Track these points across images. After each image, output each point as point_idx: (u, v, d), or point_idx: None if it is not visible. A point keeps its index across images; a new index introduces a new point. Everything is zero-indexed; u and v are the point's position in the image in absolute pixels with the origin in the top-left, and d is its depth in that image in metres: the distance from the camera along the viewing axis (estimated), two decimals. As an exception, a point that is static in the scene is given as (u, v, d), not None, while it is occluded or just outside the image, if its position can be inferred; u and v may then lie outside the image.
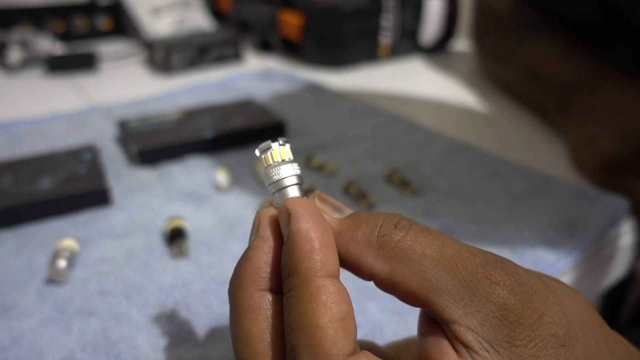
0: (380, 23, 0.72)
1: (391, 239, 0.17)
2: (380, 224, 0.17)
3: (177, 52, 0.67)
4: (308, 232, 0.17)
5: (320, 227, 0.17)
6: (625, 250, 0.38)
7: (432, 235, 0.17)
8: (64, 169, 0.39)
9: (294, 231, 0.17)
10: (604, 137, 0.42)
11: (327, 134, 0.49)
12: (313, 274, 0.16)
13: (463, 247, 0.17)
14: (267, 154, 0.19)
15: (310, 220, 0.17)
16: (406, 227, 0.17)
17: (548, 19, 0.56)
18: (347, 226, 0.18)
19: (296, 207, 0.17)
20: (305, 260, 0.16)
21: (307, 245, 0.16)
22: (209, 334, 0.26)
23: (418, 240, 0.17)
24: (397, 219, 0.17)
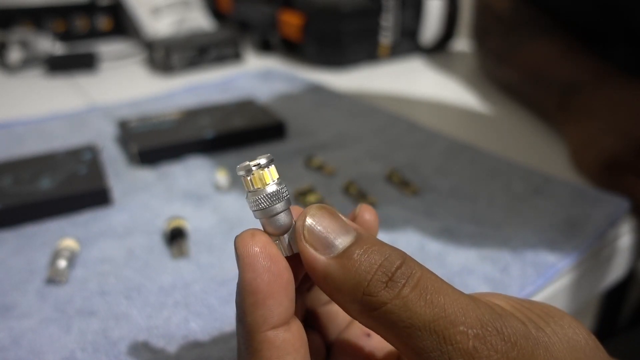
0: (380, 23, 0.72)
1: (377, 300, 0.15)
2: (369, 279, 0.16)
3: (177, 52, 0.67)
4: (251, 284, 0.16)
5: (266, 276, 0.16)
6: (626, 250, 0.38)
7: (426, 300, 0.15)
8: (64, 169, 0.39)
9: (240, 280, 0.16)
10: (604, 137, 0.42)
11: (327, 134, 0.49)
12: (256, 329, 0.16)
13: (459, 311, 0.15)
14: (248, 178, 0.17)
15: (254, 270, 0.16)
16: (398, 286, 0.15)
17: (548, 19, 0.56)
18: (334, 272, 0.16)
19: (243, 254, 0.16)
20: (249, 314, 0.16)
21: (251, 299, 0.16)
22: (209, 334, 0.26)
23: (407, 307, 0.15)
24: (391, 273, 0.16)
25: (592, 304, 0.61)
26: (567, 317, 0.17)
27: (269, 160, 0.17)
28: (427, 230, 0.34)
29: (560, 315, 0.17)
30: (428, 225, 0.35)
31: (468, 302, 0.15)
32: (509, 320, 0.16)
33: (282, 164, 0.43)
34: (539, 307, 0.17)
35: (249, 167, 0.17)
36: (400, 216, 0.36)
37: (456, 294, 0.16)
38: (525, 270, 0.31)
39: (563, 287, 0.32)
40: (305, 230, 0.17)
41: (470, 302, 0.16)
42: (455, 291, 0.16)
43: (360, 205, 0.20)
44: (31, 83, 0.65)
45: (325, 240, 0.16)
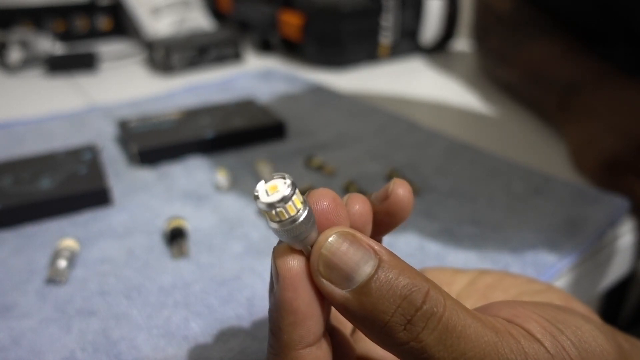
0: (380, 23, 0.72)
1: (395, 341, 0.15)
2: (387, 320, 0.15)
3: (177, 52, 0.67)
4: (292, 304, 0.16)
5: (306, 299, 0.16)
6: (626, 250, 0.38)
7: (445, 345, 0.15)
8: (64, 169, 0.39)
9: (279, 298, 0.16)
10: (604, 137, 0.42)
11: (327, 134, 0.49)
12: (292, 347, 0.16)
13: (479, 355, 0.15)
14: (273, 212, 0.15)
15: (295, 290, 0.16)
16: (417, 330, 0.15)
17: (548, 19, 0.56)
18: (352, 307, 0.15)
19: (284, 272, 0.16)
20: (286, 332, 0.16)
21: (290, 318, 0.16)
22: (209, 334, 0.26)
23: (425, 351, 0.15)
24: (410, 315, 0.15)
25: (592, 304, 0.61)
26: (600, 340, 0.17)
27: (292, 188, 0.15)
28: (427, 230, 0.34)
29: (593, 339, 0.16)
30: (428, 225, 0.35)
31: (492, 343, 0.15)
32: (536, 357, 0.15)
33: (282, 164, 0.43)
34: (574, 327, 0.17)
35: (272, 204, 0.15)
36: (400, 216, 0.36)
37: (479, 333, 0.15)
38: (525, 270, 0.31)
39: (563, 287, 0.32)
40: (320, 265, 0.16)
41: (495, 341, 0.15)
42: (478, 329, 0.15)
43: (394, 181, 0.20)
44: (31, 83, 0.65)
45: (342, 273, 0.15)
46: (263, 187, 0.16)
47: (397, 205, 0.19)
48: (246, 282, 0.30)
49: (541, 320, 0.16)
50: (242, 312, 0.28)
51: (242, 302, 0.28)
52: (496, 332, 0.15)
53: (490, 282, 0.23)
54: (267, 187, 0.16)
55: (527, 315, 0.16)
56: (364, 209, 0.19)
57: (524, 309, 0.17)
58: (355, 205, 0.19)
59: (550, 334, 0.16)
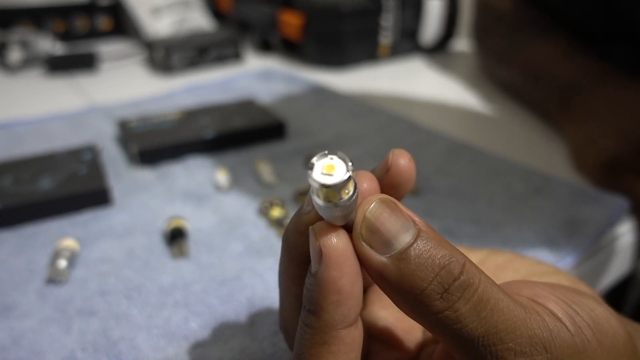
0: (380, 23, 0.72)
1: (430, 309, 0.15)
2: (425, 287, 0.15)
3: (177, 52, 0.67)
4: (336, 283, 0.16)
5: (351, 278, 0.16)
6: (626, 250, 0.38)
7: (479, 316, 0.15)
8: (64, 169, 0.39)
9: (323, 277, 0.16)
10: (604, 137, 0.42)
11: (327, 134, 0.49)
12: (333, 326, 0.16)
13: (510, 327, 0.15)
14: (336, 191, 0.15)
15: (341, 269, 0.16)
16: (454, 299, 0.15)
17: (549, 19, 0.56)
18: (390, 273, 0.15)
19: (330, 251, 0.16)
20: (329, 311, 0.16)
21: (334, 297, 0.16)
22: (209, 334, 0.26)
23: (459, 320, 0.15)
24: (448, 284, 0.15)
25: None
26: (612, 321, 0.17)
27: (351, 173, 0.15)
28: (427, 230, 0.34)
29: (606, 321, 0.17)
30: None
31: (521, 318, 0.15)
32: (559, 335, 0.16)
33: (282, 164, 0.43)
34: (589, 309, 0.17)
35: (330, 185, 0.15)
36: (400, 216, 0.36)
37: (510, 308, 0.15)
38: (525, 270, 0.31)
39: (563, 287, 0.32)
40: (362, 228, 0.16)
41: (523, 316, 0.15)
42: (509, 304, 0.15)
43: (393, 151, 0.19)
44: (31, 83, 0.65)
45: (383, 238, 0.16)
46: (320, 162, 0.15)
47: (400, 176, 0.19)
48: (246, 282, 0.30)
49: (559, 302, 0.17)
50: (242, 312, 0.28)
51: (242, 302, 0.28)
52: (524, 309, 0.16)
53: (501, 262, 0.23)
54: (324, 165, 0.15)
55: (546, 296, 0.17)
56: (372, 186, 0.18)
57: (543, 290, 0.17)
58: (364, 183, 0.18)
59: (568, 314, 0.16)
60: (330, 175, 0.15)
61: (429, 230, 0.16)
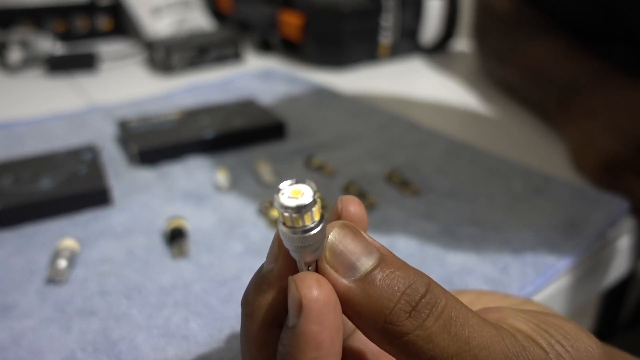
0: (380, 23, 0.72)
1: (399, 330, 0.15)
2: (392, 307, 0.15)
3: (177, 52, 0.67)
4: (316, 338, 0.15)
5: (331, 332, 0.15)
6: (625, 251, 0.38)
7: (450, 333, 0.15)
8: (64, 169, 0.39)
9: (301, 331, 0.15)
10: (604, 137, 0.42)
11: (327, 134, 0.49)
12: None
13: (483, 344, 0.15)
14: (287, 215, 0.15)
15: (321, 323, 0.15)
16: (422, 317, 0.15)
17: (548, 19, 0.56)
18: (355, 297, 0.15)
19: (311, 304, 0.15)
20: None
21: (313, 354, 0.15)
22: (209, 334, 0.26)
23: (430, 339, 0.15)
24: (415, 302, 0.15)
25: (592, 304, 0.61)
26: (583, 336, 0.17)
27: (315, 198, 0.15)
28: (427, 230, 0.34)
29: (576, 336, 0.17)
30: (428, 225, 0.35)
31: (492, 335, 0.15)
32: (533, 351, 0.15)
33: (282, 164, 0.43)
34: (557, 326, 0.17)
35: (291, 207, 0.15)
36: (400, 216, 0.36)
37: (480, 325, 0.15)
38: (525, 270, 0.31)
39: (563, 287, 0.32)
40: (327, 251, 0.16)
41: (494, 333, 0.15)
42: (479, 322, 0.15)
43: (340, 198, 0.18)
44: (31, 83, 0.65)
45: (347, 262, 0.15)
46: (288, 188, 0.15)
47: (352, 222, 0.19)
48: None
49: (528, 322, 0.16)
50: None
51: (242, 302, 0.28)
52: (495, 327, 0.16)
53: (468, 300, 0.22)
54: (291, 190, 0.15)
55: (514, 317, 0.17)
56: (358, 210, 0.18)
57: (509, 313, 0.17)
58: (350, 207, 0.18)
59: (539, 332, 0.16)
60: (296, 199, 0.15)
61: (390, 254, 0.16)
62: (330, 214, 0.19)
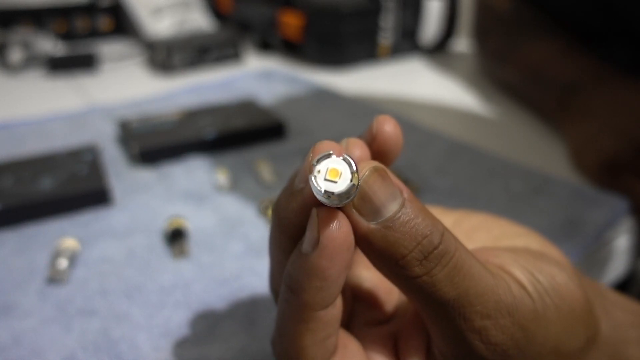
0: (380, 23, 0.72)
1: (409, 274, 0.16)
2: (406, 254, 0.16)
3: (177, 52, 0.68)
4: (324, 272, 0.16)
5: (339, 269, 0.16)
6: (625, 251, 0.38)
7: (453, 281, 0.16)
8: (64, 169, 0.39)
9: (312, 263, 0.16)
10: (604, 137, 0.42)
11: (327, 134, 0.49)
12: (311, 307, 0.17)
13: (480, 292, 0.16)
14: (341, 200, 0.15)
15: (332, 260, 0.16)
16: (431, 266, 0.16)
17: (548, 19, 0.56)
18: (374, 239, 0.16)
19: (327, 242, 0.16)
20: (310, 293, 0.16)
21: (317, 283, 0.16)
22: (209, 334, 0.26)
23: (434, 284, 0.16)
24: (427, 252, 0.16)
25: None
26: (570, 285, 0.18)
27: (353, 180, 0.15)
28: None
29: (565, 285, 0.18)
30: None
31: (490, 284, 0.17)
32: (522, 301, 0.17)
33: (282, 164, 0.43)
34: (550, 276, 0.18)
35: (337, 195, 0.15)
36: (400, 216, 0.36)
37: (482, 274, 0.17)
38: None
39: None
40: (357, 198, 0.16)
41: (492, 283, 0.17)
42: (480, 272, 0.17)
43: (376, 118, 0.19)
44: (32, 83, 0.65)
45: (373, 206, 0.16)
46: (324, 165, 0.15)
47: (386, 144, 0.19)
48: (246, 281, 0.30)
49: (524, 270, 0.18)
50: (242, 311, 0.28)
51: (242, 302, 0.28)
52: (493, 276, 0.17)
53: (475, 223, 0.23)
54: (329, 169, 0.15)
55: (512, 264, 0.18)
56: (364, 153, 0.19)
57: (509, 258, 0.19)
58: (356, 150, 0.18)
59: (531, 281, 0.18)
60: (335, 183, 0.15)
61: (414, 199, 0.16)
62: (365, 133, 0.19)
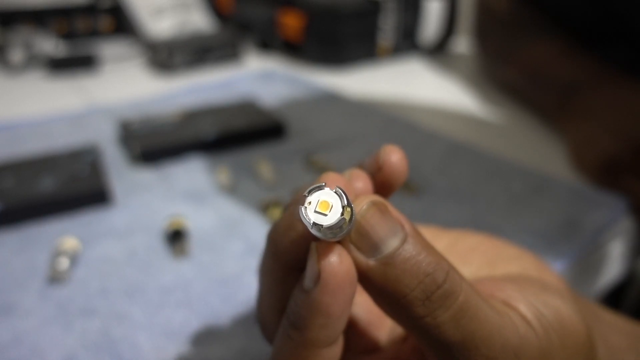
0: (380, 24, 0.72)
1: (411, 314, 0.15)
2: (408, 293, 0.15)
3: (178, 53, 0.68)
4: (328, 309, 0.15)
5: (343, 305, 0.16)
6: (624, 251, 0.38)
7: (458, 325, 0.15)
8: (65, 169, 0.39)
9: (314, 299, 0.15)
10: (603, 137, 0.42)
11: (327, 135, 0.50)
12: (315, 345, 0.16)
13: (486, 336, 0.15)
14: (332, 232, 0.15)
15: (335, 296, 0.15)
16: (435, 307, 0.15)
17: (548, 20, 0.57)
18: (374, 276, 0.15)
19: (329, 278, 0.15)
20: (314, 331, 0.16)
21: (322, 320, 0.16)
22: (210, 333, 0.26)
23: (438, 327, 0.15)
24: (431, 292, 0.15)
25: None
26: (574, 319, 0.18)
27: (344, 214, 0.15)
28: (427, 230, 0.35)
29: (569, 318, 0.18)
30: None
31: (497, 325, 0.16)
32: (528, 341, 0.16)
33: (283, 164, 0.44)
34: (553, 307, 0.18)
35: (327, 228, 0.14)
36: (400, 216, 0.36)
37: (488, 315, 0.16)
38: (525, 269, 0.31)
39: (562, 287, 0.32)
40: (354, 233, 0.16)
41: (499, 324, 0.16)
42: (488, 312, 0.16)
43: (383, 148, 0.19)
44: (33, 84, 0.66)
45: (371, 241, 0.15)
46: (315, 197, 0.14)
47: (392, 175, 0.19)
48: (247, 281, 0.30)
49: (529, 305, 0.17)
50: (242, 311, 0.28)
51: (242, 302, 0.28)
52: (499, 315, 0.16)
53: (471, 244, 0.23)
54: (319, 202, 0.14)
55: (517, 298, 0.18)
56: (366, 186, 0.18)
57: (514, 291, 0.18)
58: (358, 183, 0.18)
59: (537, 317, 0.17)
60: (325, 215, 0.14)
61: (416, 235, 0.16)
62: (370, 160, 0.19)
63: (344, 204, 0.14)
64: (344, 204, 0.14)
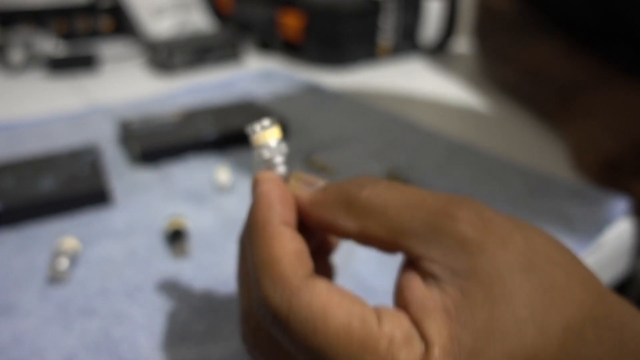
0: (380, 24, 0.72)
1: (357, 197, 0.18)
2: (346, 188, 0.19)
3: (178, 53, 0.68)
4: (268, 192, 0.19)
5: (279, 189, 0.19)
6: (624, 250, 0.38)
7: (395, 189, 0.18)
8: (65, 169, 0.39)
9: (256, 193, 0.19)
10: (604, 137, 0.42)
11: (327, 134, 0.50)
12: (270, 222, 0.18)
13: (428, 194, 0.18)
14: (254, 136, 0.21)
15: (270, 185, 0.19)
16: (370, 185, 0.18)
17: (548, 20, 0.56)
18: (319, 195, 0.19)
19: (261, 176, 0.20)
20: (264, 212, 0.18)
21: (266, 201, 0.19)
22: (209, 333, 0.26)
23: (381, 195, 0.18)
24: (362, 181, 0.19)
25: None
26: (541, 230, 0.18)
27: (271, 123, 0.21)
28: (427, 230, 0.35)
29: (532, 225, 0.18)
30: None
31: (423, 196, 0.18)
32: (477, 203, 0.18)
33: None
34: None
35: (257, 126, 0.21)
36: (400, 216, 0.36)
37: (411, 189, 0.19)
38: (525, 269, 0.31)
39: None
40: (292, 179, 0.21)
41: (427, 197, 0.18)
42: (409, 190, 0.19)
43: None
44: (33, 84, 0.66)
45: (309, 182, 0.20)
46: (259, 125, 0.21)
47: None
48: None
49: None
50: (242, 311, 0.28)
51: (242, 302, 0.28)
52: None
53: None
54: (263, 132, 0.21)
55: None
56: None
57: None
58: None
59: None
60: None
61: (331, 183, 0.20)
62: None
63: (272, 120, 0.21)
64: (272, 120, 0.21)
